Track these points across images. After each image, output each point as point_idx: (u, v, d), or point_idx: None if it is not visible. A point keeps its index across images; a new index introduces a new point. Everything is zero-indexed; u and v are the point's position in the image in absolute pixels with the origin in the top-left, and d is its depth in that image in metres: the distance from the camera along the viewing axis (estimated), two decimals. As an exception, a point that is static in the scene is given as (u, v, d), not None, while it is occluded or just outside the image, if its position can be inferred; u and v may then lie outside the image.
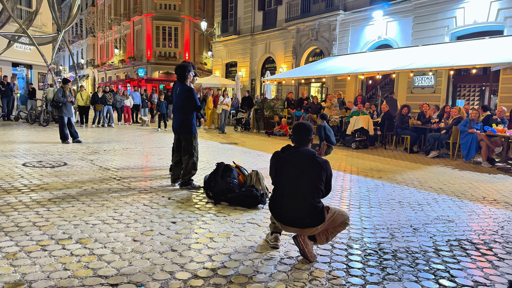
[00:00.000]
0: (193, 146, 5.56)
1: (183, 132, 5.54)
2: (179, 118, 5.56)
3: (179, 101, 5.50)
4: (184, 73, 5.48)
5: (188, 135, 5.53)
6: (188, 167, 5.57)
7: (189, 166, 5.57)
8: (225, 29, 26.01)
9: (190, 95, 5.42)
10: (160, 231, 3.76)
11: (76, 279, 2.72)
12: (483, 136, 8.86)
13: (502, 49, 10.19)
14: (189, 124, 5.52)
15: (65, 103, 10.02)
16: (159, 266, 2.99)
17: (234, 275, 2.91)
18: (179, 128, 5.58)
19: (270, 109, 16.50)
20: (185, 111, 5.49)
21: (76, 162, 7.31)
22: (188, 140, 5.55)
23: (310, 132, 3.27)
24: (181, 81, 5.53)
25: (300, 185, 3.12)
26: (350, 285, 2.84)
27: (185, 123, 5.51)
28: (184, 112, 5.49)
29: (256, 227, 4.05)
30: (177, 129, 5.62)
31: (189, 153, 5.56)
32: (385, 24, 15.78)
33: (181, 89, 5.49)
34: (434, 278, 3.01)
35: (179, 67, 5.53)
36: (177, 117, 5.60)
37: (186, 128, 5.52)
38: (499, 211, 5.10)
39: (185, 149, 5.57)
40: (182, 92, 5.46)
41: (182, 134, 5.56)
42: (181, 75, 5.51)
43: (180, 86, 5.54)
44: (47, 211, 4.25)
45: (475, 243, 3.86)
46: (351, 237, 3.85)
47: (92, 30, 44.82)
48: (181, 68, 5.51)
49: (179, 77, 5.54)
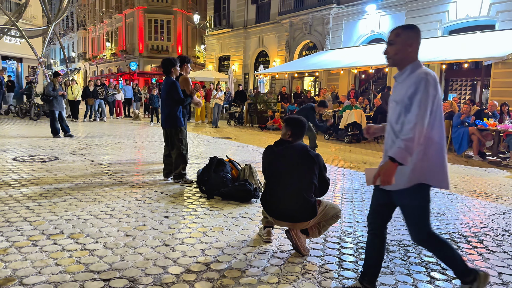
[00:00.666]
0: (179, 139, 5.55)
1: (169, 126, 5.56)
2: (165, 112, 5.57)
3: (164, 94, 5.53)
4: (168, 67, 5.49)
5: (173, 128, 5.53)
6: (177, 161, 5.59)
7: (178, 160, 5.58)
8: (218, 22, 25.85)
9: (173, 88, 5.41)
10: (152, 226, 3.74)
11: (68, 275, 2.70)
12: (474, 130, 8.94)
13: (494, 43, 10.27)
14: (174, 118, 5.50)
15: (55, 97, 9.91)
16: (152, 260, 2.98)
17: (227, 269, 2.91)
18: (165, 122, 5.60)
19: (263, 103, 16.47)
20: (170, 105, 5.49)
21: (68, 157, 7.24)
22: (174, 134, 5.55)
23: (304, 127, 3.27)
24: (166, 74, 5.55)
25: (293, 179, 3.12)
26: (343, 278, 2.86)
27: (170, 117, 5.51)
28: (169, 105, 5.49)
29: (249, 221, 4.06)
30: (164, 123, 5.64)
31: (176, 146, 5.57)
32: (378, 18, 15.79)
33: (165, 83, 5.52)
34: (425, 271, 3.04)
35: (164, 61, 5.56)
36: (164, 111, 5.61)
37: (171, 121, 5.51)
38: (490, 204, 5.15)
39: (173, 142, 5.60)
40: (166, 85, 5.48)
41: (168, 128, 5.59)
42: (166, 69, 5.52)
43: (165, 80, 5.57)
44: (38, 206, 4.21)
45: (466, 236, 3.90)
46: (343, 231, 3.87)
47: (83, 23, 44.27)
48: (165, 62, 5.53)
49: (164, 71, 5.57)
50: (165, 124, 5.60)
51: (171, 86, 5.42)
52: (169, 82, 5.45)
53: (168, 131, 5.62)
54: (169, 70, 5.50)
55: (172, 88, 5.42)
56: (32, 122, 13.92)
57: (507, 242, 3.75)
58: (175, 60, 5.56)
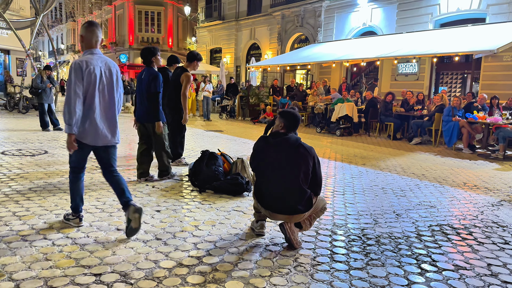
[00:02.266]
0: (163, 136, 5.25)
1: (149, 121, 5.11)
2: (145, 105, 5.11)
3: (144, 87, 5.06)
4: (147, 56, 5.09)
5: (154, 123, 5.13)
6: (164, 160, 5.32)
7: (164, 159, 5.32)
8: (209, 14, 25.63)
9: (154, 80, 4.97)
10: (144, 220, 3.71)
11: (59, 270, 2.67)
12: (464, 123, 9.02)
13: (484, 36, 10.33)
14: (156, 112, 5.08)
15: (44, 89, 9.77)
16: (143, 255, 2.96)
17: (219, 262, 2.91)
18: (145, 116, 5.14)
19: (255, 97, 16.42)
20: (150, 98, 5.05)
21: (57, 150, 7.15)
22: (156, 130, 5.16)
23: (297, 120, 3.31)
24: (147, 65, 5.14)
25: (288, 171, 3.12)
26: (335, 270, 2.87)
27: (151, 111, 5.07)
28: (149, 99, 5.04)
29: (242, 214, 4.05)
30: (142, 117, 5.18)
31: (159, 142, 5.24)
32: (369, 11, 15.78)
33: (146, 74, 5.06)
34: (416, 263, 3.07)
35: (143, 50, 5.14)
36: (143, 104, 5.14)
37: (152, 116, 5.08)
38: (479, 197, 5.22)
39: (155, 140, 5.23)
40: (147, 77, 5.01)
41: (150, 123, 5.13)
42: (145, 59, 5.12)
43: (146, 70, 5.13)
44: (28, 200, 4.16)
45: (456, 228, 3.94)
46: (335, 223, 3.89)
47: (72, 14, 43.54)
48: (144, 52, 5.11)
49: (144, 61, 5.14)
50: (145, 118, 5.15)
51: (153, 78, 4.96)
52: (151, 74, 5.01)
53: (148, 127, 5.18)
54: (149, 60, 5.10)
55: (153, 80, 4.96)
56: (21, 115, 13.73)
57: (496, 234, 3.80)
58: (156, 49, 5.16)
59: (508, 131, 8.30)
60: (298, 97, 14.63)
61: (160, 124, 5.11)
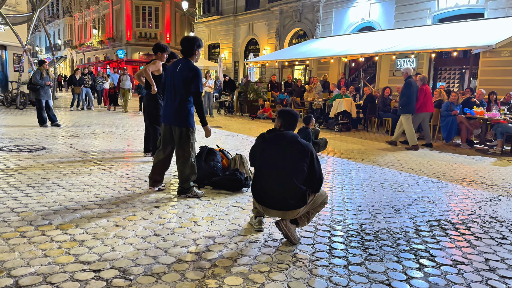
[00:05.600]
0: (191, 144, 4.35)
1: (181, 124, 4.27)
2: (174, 104, 4.27)
3: (179, 81, 4.20)
4: (192, 46, 4.24)
5: (184, 128, 4.29)
6: (186, 171, 4.35)
7: (188, 169, 4.34)
8: (207, 9, 25.51)
9: (196, 76, 4.18)
10: (142, 216, 3.72)
11: (57, 266, 2.67)
12: (462, 119, 9.03)
13: (483, 32, 10.32)
14: (188, 114, 4.29)
15: (42, 86, 9.72)
16: (142, 251, 2.96)
17: (218, 258, 2.91)
18: (174, 117, 4.27)
19: (253, 92, 16.39)
20: (185, 96, 4.25)
21: (55, 146, 7.13)
22: (185, 135, 4.31)
23: (297, 120, 3.32)
24: (187, 56, 4.29)
25: (283, 166, 3.11)
26: (333, 266, 2.88)
27: (183, 112, 4.25)
28: (184, 97, 4.25)
29: (240, 210, 4.05)
30: (171, 119, 4.29)
31: (186, 152, 4.32)
32: (368, 6, 15.73)
33: (184, 67, 4.20)
34: (414, 258, 3.08)
35: (187, 39, 4.29)
36: (171, 102, 4.30)
37: (184, 118, 4.27)
38: (477, 192, 5.23)
39: (181, 147, 4.34)
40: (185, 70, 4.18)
41: (181, 127, 4.27)
42: (189, 49, 4.25)
43: (184, 62, 4.26)
44: (26, 196, 4.15)
45: (454, 223, 3.95)
46: (333, 219, 3.90)
47: (69, 9, 43.29)
48: (189, 41, 4.26)
49: (186, 52, 4.27)
50: (175, 120, 4.26)
51: (195, 75, 4.17)
52: (192, 69, 4.18)
53: (178, 131, 4.29)
54: (192, 51, 4.26)
55: (196, 78, 4.17)
56: (18, 111, 13.67)
57: (493, 229, 3.82)
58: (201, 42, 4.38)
59: (506, 126, 8.31)
60: (297, 92, 14.61)
61: (208, 128, 4.47)
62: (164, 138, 4.45)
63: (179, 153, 4.35)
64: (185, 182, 4.39)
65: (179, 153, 4.35)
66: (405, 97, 8.58)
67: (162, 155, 4.48)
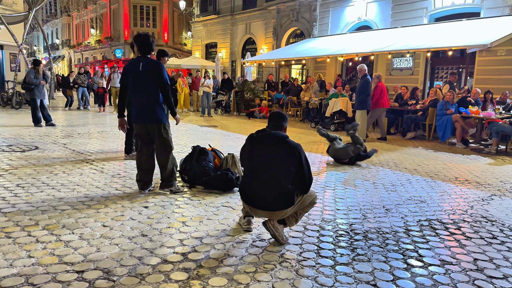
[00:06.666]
0: (167, 139, 4.39)
1: (153, 122, 4.28)
2: (144, 102, 4.28)
3: (143, 79, 4.21)
4: (152, 43, 4.30)
5: (159, 124, 4.31)
6: (169, 167, 4.44)
7: (170, 166, 4.44)
8: (204, 8, 25.42)
9: (162, 69, 4.22)
10: (131, 216, 3.69)
11: (41, 267, 2.64)
12: (457, 118, 9.01)
13: (478, 31, 10.30)
14: (160, 110, 4.31)
15: (37, 85, 9.69)
16: (128, 251, 2.94)
17: (204, 259, 2.88)
18: (147, 115, 4.27)
19: (250, 92, 16.36)
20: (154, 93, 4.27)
21: (48, 146, 7.10)
22: (160, 131, 4.33)
23: (285, 120, 3.28)
24: (147, 53, 4.31)
25: (270, 167, 3.09)
26: (320, 266, 2.86)
27: (154, 109, 4.27)
28: (152, 93, 4.26)
29: (231, 210, 4.03)
30: (144, 117, 4.28)
31: (165, 148, 4.38)
32: (365, 5, 15.70)
33: (146, 63, 4.23)
34: (402, 258, 3.06)
35: (141, 36, 4.29)
36: (141, 101, 4.29)
37: (157, 115, 4.28)
38: (470, 191, 5.21)
39: (161, 144, 4.38)
40: (148, 67, 4.21)
41: (153, 124, 4.29)
42: (149, 46, 4.28)
43: (144, 60, 4.26)
44: (14, 196, 4.12)
45: (445, 222, 3.94)
46: (324, 219, 3.88)
47: (66, 9, 43.19)
48: (145, 38, 4.26)
49: (144, 49, 4.28)
50: (148, 118, 4.27)
51: (159, 68, 4.21)
52: (154, 63, 4.23)
53: (153, 128, 4.31)
54: (150, 48, 4.30)
55: (161, 72, 4.21)
56: (14, 110, 13.63)
57: (484, 229, 3.80)
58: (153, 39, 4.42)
59: (501, 125, 8.30)
60: (293, 92, 14.59)
61: (177, 117, 4.60)
62: (141, 138, 4.43)
63: (159, 150, 4.42)
64: (170, 176, 4.52)
65: (159, 149, 4.42)
66: (363, 95, 9.12)
67: (144, 155, 4.46)
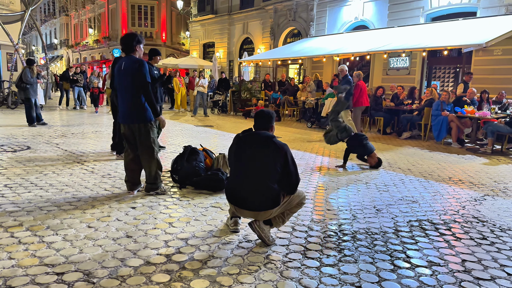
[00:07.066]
0: (152, 139, 4.31)
1: (135, 121, 4.23)
2: (127, 102, 4.25)
3: (124, 79, 4.19)
4: (131, 42, 4.24)
5: (142, 123, 4.24)
6: (153, 169, 4.36)
7: (153, 167, 4.36)
8: (202, 8, 25.36)
9: (140, 70, 4.14)
10: (117, 217, 3.65)
11: (20, 269, 2.60)
12: (453, 118, 8.98)
13: (475, 30, 10.27)
14: (143, 109, 4.23)
15: (32, 84, 9.65)
16: (111, 253, 2.90)
17: (188, 260, 2.84)
18: (130, 115, 4.24)
19: (247, 91, 16.31)
20: (135, 92, 4.19)
21: (41, 146, 7.05)
22: (144, 131, 4.25)
23: (271, 119, 3.22)
24: (129, 53, 4.28)
25: (256, 167, 3.05)
26: (305, 267, 2.82)
27: (136, 108, 4.21)
28: (133, 93, 4.20)
29: (219, 211, 3.99)
30: (127, 117, 4.26)
31: (148, 147, 4.31)
32: (361, 5, 15.67)
33: (127, 63, 4.19)
34: (390, 259, 3.02)
35: (125, 36, 4.31)
36: (125, 101, 4.27)
37: (139, 114, 4.22)
38: (463, 191, 5.18)
39: (142, 144, 4.30)
40: (130, 66, 4.16)
41: (136, 124, 4.24)
42: (129, 46, 4.25)
43: (125, 59, 4.25)
44: (1, 197, 4.08)
45: (435, 223, 3.90)
46: (313, 219, 3.84)
47: (64, 8, 43.11)
48: (128, 37, 4.26)
49: (126, 48, 4.28)
50: (131, 118, 4.23)
51: (138, 67, 4.14)
52: (135, 62, 4.17)
53: (136, 128, 4.26)
54: (132, 47, 4.26)
55: (139, 70, 4.14)
56: (9, 110, 13.58)
57: (474, 229, 3.76)
58: (141, 37, 4.37)
59: (496, 125, 8.27)
60: (290, 91, 14.55)
61: (162, 118, 4.50)
62: (126, 138, 4.40)
63: (143, 150, 4.34)
64: (155, 179, 4.42)
65: (143, 149, 4.33)
66: (348, 94, 9.02)
67: (131, 155, 4.42)
